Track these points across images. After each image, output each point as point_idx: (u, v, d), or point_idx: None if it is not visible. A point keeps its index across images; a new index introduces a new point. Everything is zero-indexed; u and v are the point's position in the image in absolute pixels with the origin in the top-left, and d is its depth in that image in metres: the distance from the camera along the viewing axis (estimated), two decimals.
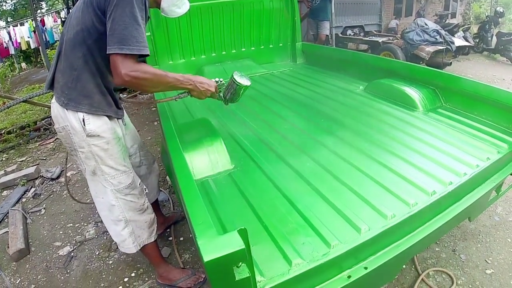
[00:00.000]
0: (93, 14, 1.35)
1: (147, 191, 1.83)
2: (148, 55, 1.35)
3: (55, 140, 4.33)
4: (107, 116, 1.53)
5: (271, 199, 1.42)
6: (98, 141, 1.50)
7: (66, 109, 1.45)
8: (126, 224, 1.69)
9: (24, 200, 3.04)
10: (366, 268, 1.17)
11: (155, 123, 4.48)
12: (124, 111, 1.78)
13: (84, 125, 1.45)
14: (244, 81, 1.67)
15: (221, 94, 1.74)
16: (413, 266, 1.97)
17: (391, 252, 1.24)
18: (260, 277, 1.01)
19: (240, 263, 0.79)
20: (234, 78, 1.67)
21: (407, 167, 1.59)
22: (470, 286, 1.87)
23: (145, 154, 2.02)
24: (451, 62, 6.25)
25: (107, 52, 1.28)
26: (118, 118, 1.64)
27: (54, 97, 1.51)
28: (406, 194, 1.38)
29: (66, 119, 1.46)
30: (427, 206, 1.33)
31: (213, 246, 0.77)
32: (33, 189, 3.16)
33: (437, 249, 2.12)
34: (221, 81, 1.72)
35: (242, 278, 0.78)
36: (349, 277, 1.14)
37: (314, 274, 1.07)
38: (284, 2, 3.69)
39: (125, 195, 1.64)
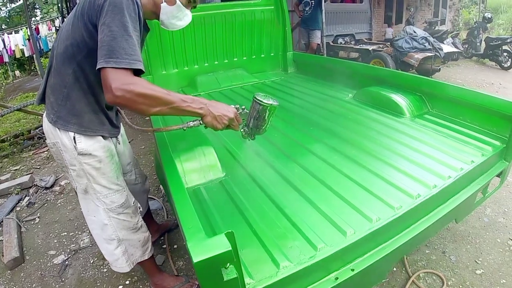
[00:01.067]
0: (83, 28, 1.25)
1: (141, 209, 1.77)
2: (142, 71, 1.18)
3: (49, 149, 4.34)
4: (100, 135, 1.47)
5: (260, 205, 1.45)
6: (89, 159, 1.44)
7: (57, 127, 1.39)
8: (119, 243, 1.64)
9: (18, 209, 3.04)
10: (353, 270, 1.21)
11: (149, 132, 4.50)
12: (122, 128, 1.74)
13: (75, 143, 1.39)
14: (269, 100, 1.40)
15: (244, 127, 1.51)
16: (404, 269, 2.01)
17: (378, 254, 1.28)
18: (249, 279, 1.04)
19: (228, 264, 0.82)
20: (256, 98, 1.40)
21: (393, 172, 1.64)
22: (460, 286, 1.91)
23: (139, 172, 1.99)
24: (439, 68, 6.39)
25: (96, 68, 1.14)
26: (112, 137, 1.58)
27: (45, 112, 1.46)
28: (391, 198, 1.42)
29: (56, 135, 1.41)
30: (412, 209, 1.36)
31: (202, 248, 0.80)
32: (27, 198, 3.16)
33: (427, 251, 2.17)
34: (243, 109, 1.45)
35: (230, 279, 0.82)
36: (336, 278, 1.18)
37: (301, 276, 1.10)
38: (275, 12, 3.74)
39: (118, 214, 1.59)
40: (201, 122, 1.37)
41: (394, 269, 2.02)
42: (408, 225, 1.42)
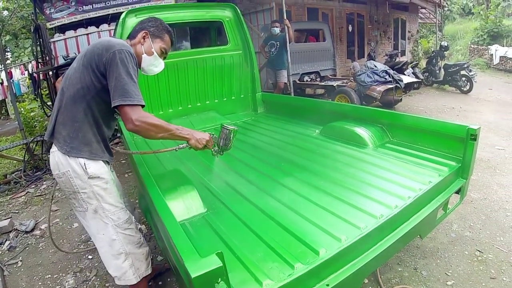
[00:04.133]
0: (92, 74, 1.60)
1: (139, 226, 1.98)
2: (144, 106, 1.60)
3: (26, 193, 4.30)
4: (103, 161, 1.75)
5: (241, 234, 1.59)
6: (98, 181, 1.70)
7: (68, 156, 1.64)
8: (126, 256, 1.82)
9: None
10: (328, 285, 1.35)
11: (126, 175, 4.51)
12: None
13: (86, 168, 1.66)
14: (232, 127, 1.97)
15: (214, 147, 1.97)
16: (379, 286, 2.13)
17: (349, 269, 1.43)
18: None
19: (219, 279, 0.96)
20: (224, 125, 1.98)
21: (358, 197, 1.83)
22: None
23: (128, 201, 2.13)
24: (401, 98, 6.76)
25: (112, 106, 1.55)
26: (110, 163, 1.85)
27: (55, 147, 1.70)
28: (357, 219, 1.60)
29: (67, 165, 1.66)
30: (376, 228, 1.54)
31: (197, 266, 0.95)
32: (7, 242, 3.12)
33: (399, 269, 2.30)
34: (213, 135, 1.95)
35: None
36: None
37: None
38: (243, 57, 3.99)
39: (124, 229, 1.81)
40: (187, 145, 1.85)
41: None
42: (374, 242, 1.57)
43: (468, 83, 8.64)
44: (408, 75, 7.97)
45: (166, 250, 1.59)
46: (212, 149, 1.98)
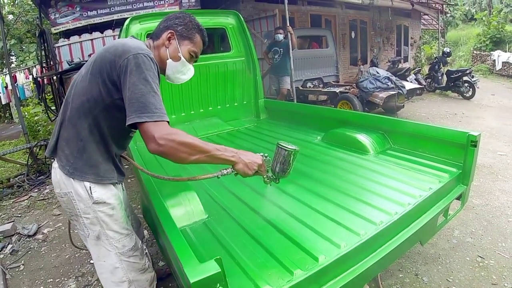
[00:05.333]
0: (101, 85, 1.34)
1: (146, 251, 1.77)
2: (168, 122, 1.28)
3: (29, 197, 4.33)
4: (112, 183, 1.52)
5: (240, 240, 1.60)
6: (104, 207, 1.48)
7: (73, 179, 1.43)
8: (130, 284, 1.61)
9: (1, 256, 3.02)
10: None
11: (128, 180, 4.51)
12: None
13: (91, 193, 1.43)
14: (291, 146, 1.54)
15: (269, 173, 1.60)
16: None
17: (349, 276, 1.43)
18: None
19: (218, 284, 0.98)
20: (280, 145, 1.55)
21: (358, 204, 1.83)
22: None
23: (134, 218, 2.01)
24: (403, 105, 6.75)
25: (127, 123, 1.24)
26: (120, 183, 1.64)
27: (56, 163, 1.47)
28: (357, 226, 1.60)
29: (70, 186, 1.44)
30: (376, 234, 1.54)
31: (196, 271, 0.96)
32: (10, 246, 3.15)
33: (400, 275, 2.30)
34: (266, 157, 1.56)
35: None
36: None
37: None
38: (246, 63, 4.02)
39: (129, 257, 1.60)
40: (233, 170, 1.47)
41: None
42: (374, 249, 1.58)
43: (471, 89, 8.65)
44: (411, 81, 7.99)
45: (167, 255, 1.60)
46: (265, 176, 1.59)
